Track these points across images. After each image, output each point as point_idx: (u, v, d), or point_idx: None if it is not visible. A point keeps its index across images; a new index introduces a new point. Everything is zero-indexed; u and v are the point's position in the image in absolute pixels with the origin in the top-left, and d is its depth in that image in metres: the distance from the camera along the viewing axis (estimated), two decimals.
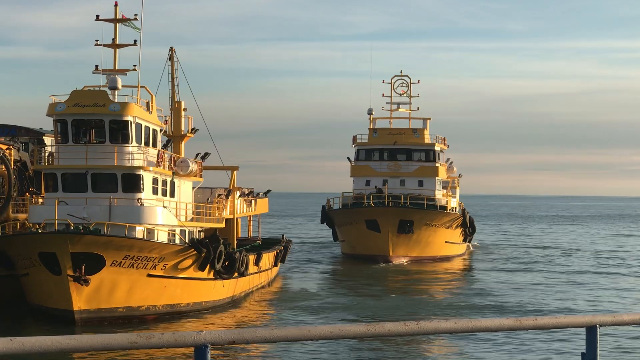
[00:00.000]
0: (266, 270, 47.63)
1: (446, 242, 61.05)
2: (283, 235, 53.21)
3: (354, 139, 63.93)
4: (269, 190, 54.24)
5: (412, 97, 65.75)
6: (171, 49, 45.66)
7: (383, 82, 66.66)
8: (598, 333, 5.40)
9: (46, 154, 41.74)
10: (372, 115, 64.41)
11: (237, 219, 47.29)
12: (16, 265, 36.48)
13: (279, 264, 49.77)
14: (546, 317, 6.66)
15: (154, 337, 4.10)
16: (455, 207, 64.85)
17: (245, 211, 50.09)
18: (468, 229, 64.39)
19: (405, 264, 57.18)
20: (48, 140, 45.17)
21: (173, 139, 44.46)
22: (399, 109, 64.99)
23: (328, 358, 25.83)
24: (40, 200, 40.35)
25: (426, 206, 58.96)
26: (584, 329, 5.51)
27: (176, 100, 45.70)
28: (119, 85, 38.47)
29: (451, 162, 68.04)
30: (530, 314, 38.08)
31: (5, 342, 3.65)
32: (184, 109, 45.54)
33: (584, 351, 5.52)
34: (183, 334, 4.19)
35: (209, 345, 4.13)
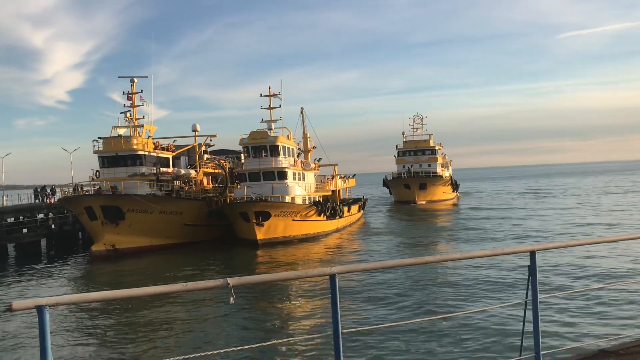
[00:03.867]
0: (354, 214, 69.64)
1: (444, 192, 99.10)
2: (363, 196, 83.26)
3: (397, 146, 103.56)
4: (354, 175, 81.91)
5: (423, 124, 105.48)
6: (302, 108, 71.71)
7: (409, 117, 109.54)
8: (536, 257, 5.97)
9: (241, 163, 58.72)
10: (404, 134, 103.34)
11: (339, 190, 71.85)
12: (230, 218, 52.35)
13: (362, 211, 75.40)
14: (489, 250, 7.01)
15: (311, 271, 5.05)
16: (449, 176, 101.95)
17: (342, 185, 75.13)
18: (455, 186, 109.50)
19: (424, 203, 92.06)
20: (242, 156, 60.83)
21: (304, 152, 68.00)
22: (417, 130, 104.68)
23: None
24: (239, 186, 56.08)
25: (431, 176, 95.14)
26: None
27: (305, 132, 70.44)
28: (273, 127, 57.75)
29: (444, 154, 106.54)
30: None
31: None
32: (309, 137, 70.55)
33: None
34: (323, 269, 5.05)
35: (337, 274, 4.90)
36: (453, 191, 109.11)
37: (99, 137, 54.63)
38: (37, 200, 64.08)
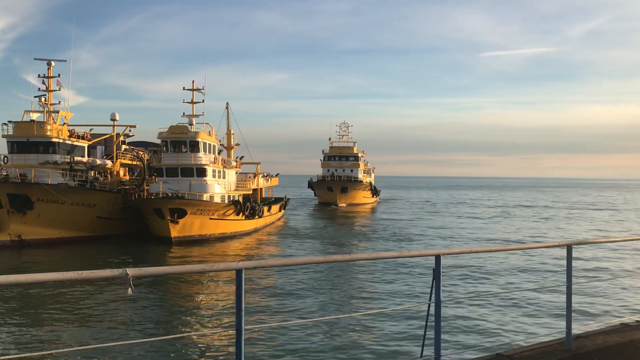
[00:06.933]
0: (275, 214, 69.87)
1: (364, 197, 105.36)
2: (285, 195, 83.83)
3: (323, 151, 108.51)
4: (278, 174, 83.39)
5: (349, 132, 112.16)
6: (227, 103, 71.27)
7: (336, 125, 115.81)
8: (441, 261, 6.02)
9: (160, 157, 55.76)
10: (331, 140, 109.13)
11: (260, 188, 72.00)
12: (143, 214, 51.21)
13: (283, 210, 76.12)
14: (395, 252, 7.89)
15: (217, 265, 4.86)
16: (370, 182, 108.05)
17: (265, 184, 75.25)
18: (374, 191, 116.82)
19: (344, 206, 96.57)
20: (162, 149, 57.19)
21: (227, 149, 68.03)
22: (343, 137, 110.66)
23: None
24: (156, 180, 53.98)
25: (353, 181, 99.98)
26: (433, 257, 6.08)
27: (229, 128, 70.04)
28: (194, 122, 57.32)
29: (367, 162, 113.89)
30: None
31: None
32: (232, 133, 70.09)
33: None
34: (230, 263, 4.92)
35: (244, 269, 4.88)
36: (373, 196, 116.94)
37: (9, 121, 52.30)
38: None
